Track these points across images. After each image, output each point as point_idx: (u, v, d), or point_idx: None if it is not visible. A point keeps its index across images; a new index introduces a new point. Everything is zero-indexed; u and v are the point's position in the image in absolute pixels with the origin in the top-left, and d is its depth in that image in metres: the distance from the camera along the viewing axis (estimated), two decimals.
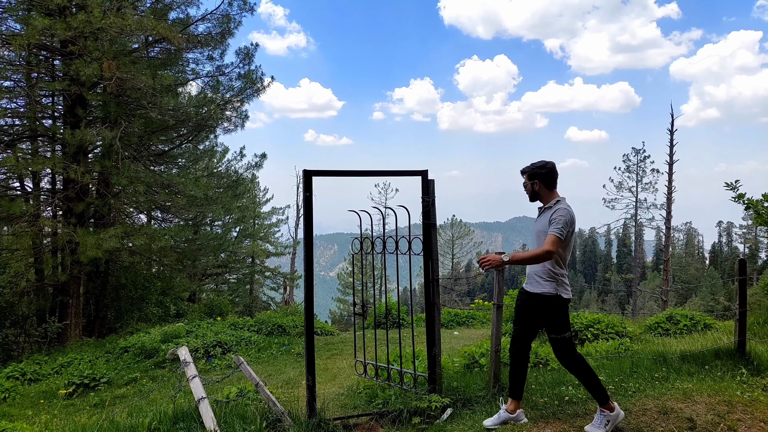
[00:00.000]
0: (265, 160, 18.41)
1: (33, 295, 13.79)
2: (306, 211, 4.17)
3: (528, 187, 3.64)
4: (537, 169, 3.58)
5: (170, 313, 16.50)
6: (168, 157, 16.05)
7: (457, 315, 12.98)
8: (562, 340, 3.49)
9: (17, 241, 12.23)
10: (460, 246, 40.18)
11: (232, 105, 14.90)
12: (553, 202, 3.53)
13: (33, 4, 11.62)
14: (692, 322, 8.26)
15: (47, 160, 12.72)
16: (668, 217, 26.54)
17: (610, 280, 62.82)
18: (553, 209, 3.47)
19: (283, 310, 14.50)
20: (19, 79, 12.96)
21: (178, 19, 13.83)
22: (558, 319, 3.49)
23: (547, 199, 3.58)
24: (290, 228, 30.52)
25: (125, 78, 11.58)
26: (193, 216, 18.34)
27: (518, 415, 3.75)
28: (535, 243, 3.58)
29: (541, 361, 5.58)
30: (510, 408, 3.74)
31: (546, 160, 3.61)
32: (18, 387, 8.87)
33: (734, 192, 6.22)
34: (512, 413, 3.73)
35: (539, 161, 3.63)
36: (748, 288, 5.72)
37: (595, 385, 3.49)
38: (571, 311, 9.43)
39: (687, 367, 4.81)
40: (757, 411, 3.80)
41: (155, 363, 9.30)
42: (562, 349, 3.52)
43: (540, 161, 3.62)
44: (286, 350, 9.61)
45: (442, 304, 24.21)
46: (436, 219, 4.35)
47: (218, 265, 23.62)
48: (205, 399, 4.07)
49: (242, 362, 4.56)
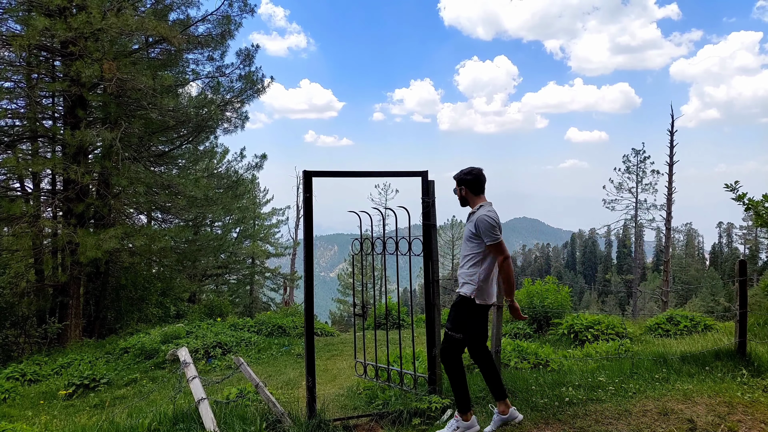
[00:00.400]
0: (266, 161, 18.40)
1: (33, 296, 13.78)
2: (306, 211, 4.16)
3: (457, 193, 3.72)
4: (464, 176, 3.65)
5: (170, 313, 16.51)
6: (168, 157, 16.05)
7: None
8: (452, 337, 3.56)
9: (17, 241, 12.24)
10: (461, 247, 40.22)
11: (233, 106, 14.91)
12: (477, 208, 3.60)
13: (33, 4, 11.62)
14: (692, 323, 8.25)
15: (47, 160, 12.73)
16: (668, 217, 26.54)
17: (610, 281, 62.80)
18: (476, 215, 3.53)
19: (283, 311, 14.50)
20: (19, 80, 12.96)
21: (179, 20, 13.84)
22: (461, 316, 3.56)
23: (474, 204, 3.65)
24: (290, 229, 30.55)
25: (125, 79, 11.59)
26: (193, 217, 18.34)
27: (512, 413, 3.75)
28: (465, 246, 3.67)
29: (541, 362, 5.57)
30: (501, 409, 3.73)
31: (474, 167, 3.67)
32: (18, 388, 8.86)
33: (734, 193, 6.22)
34: (505, 414, 3.73)
35: (468, 167, 3.69)
36: (748, 289, 5.72)
37: (461, 393, 3.58)
38: (572, 312, 9.44)
39: (687, 368, 4.81)
40: (757, 412, 3.79)
41: (155, 364, 9.29)
42: (448, 345, 3.59)
43: (468, 168, 3.69)
44: (286, 351, 9.60)
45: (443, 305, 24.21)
46: (436, 220, 4.35)
47: (218, 265, 23.62)
48: (205, 400, 4.06)
49: (242, 363, 4.56)
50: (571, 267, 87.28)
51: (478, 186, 3.63)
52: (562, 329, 8.44)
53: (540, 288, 9.94)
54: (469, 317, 3.57)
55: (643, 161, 33.43)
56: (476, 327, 3.65)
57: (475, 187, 3.63)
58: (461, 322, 3.56)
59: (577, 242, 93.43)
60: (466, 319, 3.57)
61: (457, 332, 3.54)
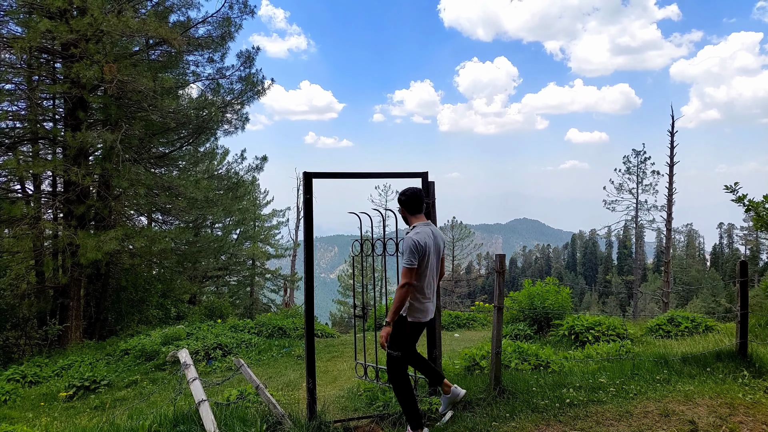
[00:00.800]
0: (266, 162, 18.41)
1: (33, 298, 13.79)
2: (306, 213, 4.17)
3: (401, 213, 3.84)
4: (401, 197, 3.76)
5: (170, 315, 16.50)
6: (168, 159, 16.06)
7: (458, 317, 12.97)
8: (389, 355, 3.67)
9: (18, 243, 12.24)
10: (461, 248, 40.12)
11: (233, 107, 14.92)
12: (411, 228, 3.70)
13: (34, 7, 11.64)
14: (693, 324, 8.25)
15: (48, 162, 12.74)
16: (669, 218, 26.51)
17: (611, 281, 62.76)
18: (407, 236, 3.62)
19: (284, 312, 14.50)
20: (20, 82, 12.98)
21: (179, 22, 13.85)
22: (395, 334, 3.63)
23: (411, 223, 3.76)
24: (290, 230, 30.54)
25: (126, 80, 11.61)
26: (193, 218, 18.34)
27: (454, 390, 3.89)
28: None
29: (542, 363, 5.57)
30: (445, 390, 3.91)
31: (411, 187, 3.76)
32: (18, 389, 8.86)
33: (734, 194, 6.21)
34: (449, 393, 3.89)
35: (407, 188, 3.76)
36: (749, 290, 5.71)
37: (410, 409, 3.65)
38: (572, 313, 9.43)
39: (688, 369, 4.80)
40: (759, 413, 3.78)
41: (155, 365, 9.29)
42: (389, 364, 3.71)
43: (406, 188, 3.76)
44: (287, 352, 9.60)
45: (443, 306, 24.21)
46: (436, 221, 4.35)
47: (219, 267, 23.62)
48: (206, 401, 4.06)
49: (242, 364, 4.56)
50: (572, 268, 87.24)
51: (412, 206, 3.70)
52: (562, 330, 8.43)
53: (540, 289, 9.93)
54: (403, 334, 3.67)
55: (643, 162, 33.40)
56: (412, 343, 3.78)
57: (411, 207, 3.71)
58: (396, 340, 3.65)
59: (577, 243, 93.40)
60: (401, 337, 3.66)
61: (395, 350, 3.65)
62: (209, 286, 25.32)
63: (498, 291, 4.41)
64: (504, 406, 4.10)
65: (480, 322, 12.78)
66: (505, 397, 4.25)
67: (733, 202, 6.20)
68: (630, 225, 36.61)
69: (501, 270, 4.30)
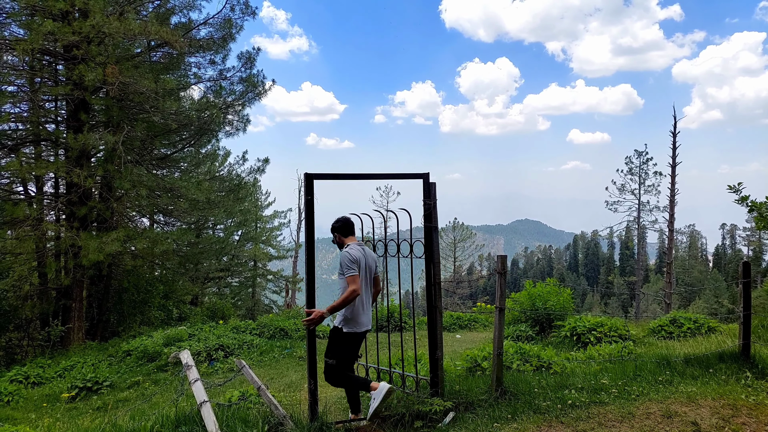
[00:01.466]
0: (268, 164, 18.41)
1: (36, 299, 13.82)
2: (307, 214, 4.17)
3: (335, 239, 4.25)
4: (334, 225, 4.23)
5: (172, 316, 16.52)
6: (170, 160, 16.10)
7: (460, 318, 12.95)
8: (327, 363, 4.03)
9: (20, 244, 12.27)
10: (462, 249, 40.09)
11: (234, 109, 14.94)
12: (345, 247, 4.09)
13: (36, 9, 11.68)
14: (696, 325, 8.22)
15: (50, 164, 12.78)
16: (671, 219, 26.45)
17: (613, 282, 62.61)
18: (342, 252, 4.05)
19: (285, 314, 14.51)
20: (22, 84, 13.03)
21: (180, 24, 13.89)
22: (331, 344, 4.04)
23: (345, 244, 4.16)
24: (292, 231, 30.52)
25: (128, 82, 11.64)
26: (195, 219, 18.37)
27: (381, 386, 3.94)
28: (339, 283, 4.02)
29: (543, 365, 5.56)
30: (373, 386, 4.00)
31: (341, 216, 4.23)
32: (21, 390, 8.87)
33: (737, 195, 6.18)
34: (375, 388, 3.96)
35: (339, 217, 4.23)
36: (752, 291, 5.70)
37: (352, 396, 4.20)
38: (574, 314, 9.41)
39: (691, 371, 4.78)
40: (762, 415, 3.77)
41: (158, 366, 9.30)
42: (326, 371, 4.05)
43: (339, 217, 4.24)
44: (288, 353, 9.60)
45: (444, 308, 24.19)
46: (437, 222, 4.34)
47: (220, 268, 23.63)
48: (207, 402, 4.06)
49: (244, 366, 4.56)
50: (574, 269, 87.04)
51: (345, 230, 4.18)
52: (564, 331, 8.42)
53: (542, 290, 9.91)
54: (338, 344, 4.00)
55: (645, 163, 33.34)
56: (346, 353, 4.04)
57: (343, 231, 4.18)
58: (332, 349, 4.02)
59: (579, 244, 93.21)
60: (336, 347, 4.01)
61: (330, 358, 4.02)
62: (211, 288, 25.34)
63: (499, 292, 4.41)
64: (506, 407, 4.10)
65: (482, 323, 12.76)
66: (506, 398, 4.25)
67: (736, 202, 6.18)
68: (632, 226, 36.55)
69: (502, 271, 4.30)
